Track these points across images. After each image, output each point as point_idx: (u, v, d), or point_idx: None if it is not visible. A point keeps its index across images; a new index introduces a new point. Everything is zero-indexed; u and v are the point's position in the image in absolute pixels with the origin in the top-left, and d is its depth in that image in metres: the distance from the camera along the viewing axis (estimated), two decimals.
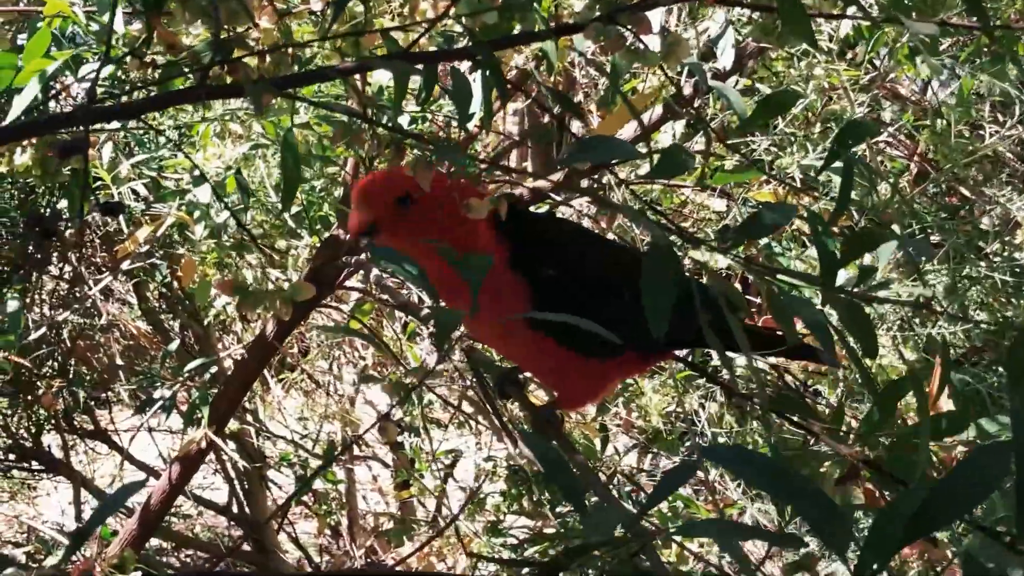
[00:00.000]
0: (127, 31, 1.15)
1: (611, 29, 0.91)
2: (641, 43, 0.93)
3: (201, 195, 1.63)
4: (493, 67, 0.87)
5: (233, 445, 2.28)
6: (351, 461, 2.90)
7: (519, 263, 1.10)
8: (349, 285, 1.73)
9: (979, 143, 1.87)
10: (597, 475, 1.14)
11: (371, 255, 1.07)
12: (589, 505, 0.73)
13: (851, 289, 0.86)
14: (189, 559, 3.07)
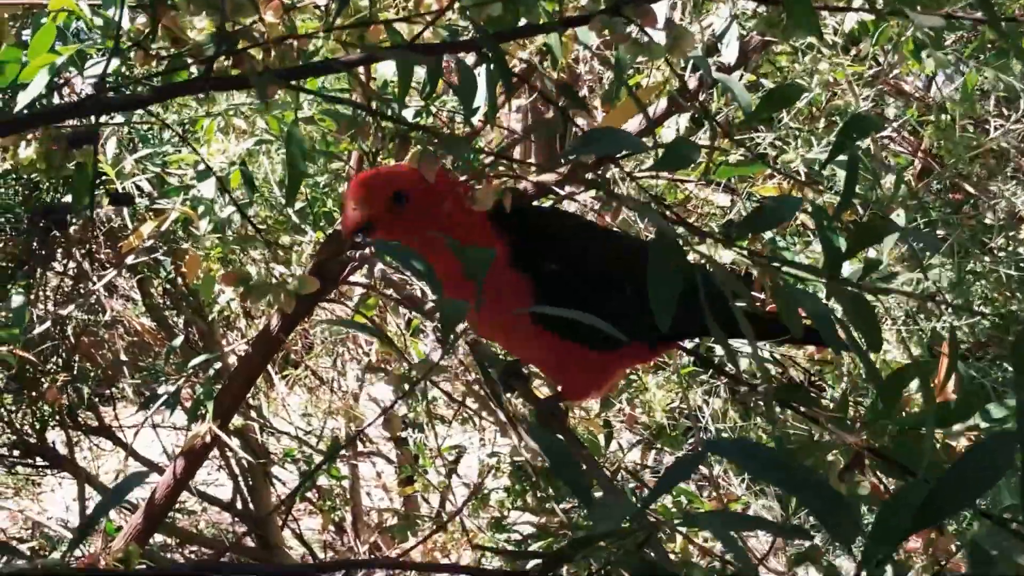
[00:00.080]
0: (132, 26, 1.15)
1: (616, 21, 0.91)
2: (646, 36, 0.93)
3: (205, 190, 1.63)
4: (498, 58, 0.87)
5: (237, 441, 2.28)
6: (355, 457, 2.90)
7: (521, 259, 1.09)
8: (353, 280, 1.73)
9: (984, 138, 1.87)
10: (602, 468, 1.14)
11: (375, 249, 1.07)
12: (594, 498, 0.73)
13: (856, 281, 0.85)
14: (193, 555, 3.07)
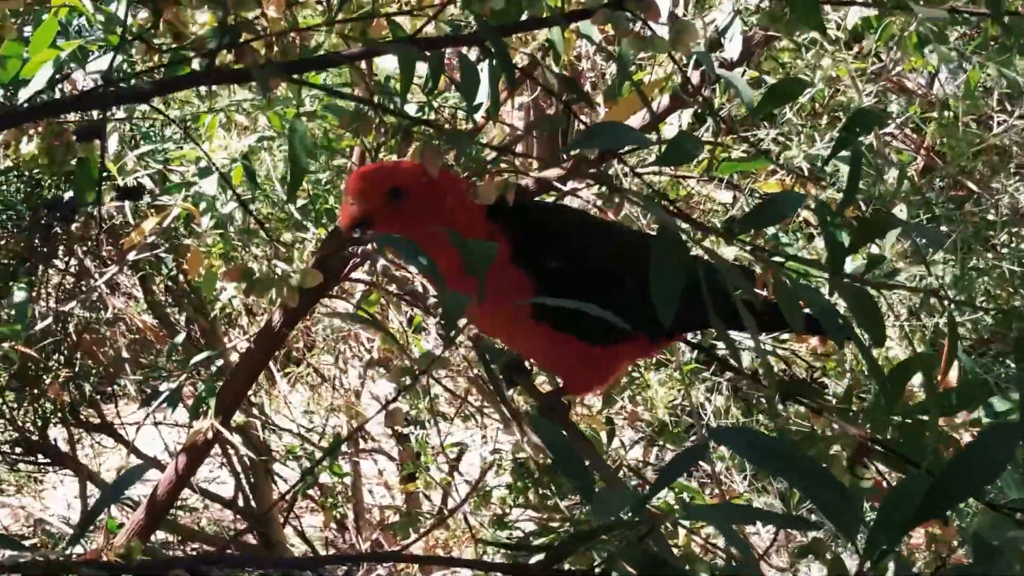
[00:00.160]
0: (134, 21, 1.15)
1: (620, 16, 0.91)
2: (649, 30, 0.93)
3: (207, 186, 1.63)
4: (501, 52, 0.87)
5: (239, 438, 2.28)
6: (357, 454, 2.90)
7: (521, 255, 1.09)
8: (355, 277, 1.73)
9: (987, 134, 1.87)
10: (604, 461, 1.14)
11: (376, 243, 1.06)
12: (596, 492, 0.73)
13: (860, 277, 0.85)
14: (195, 552, 3.07)
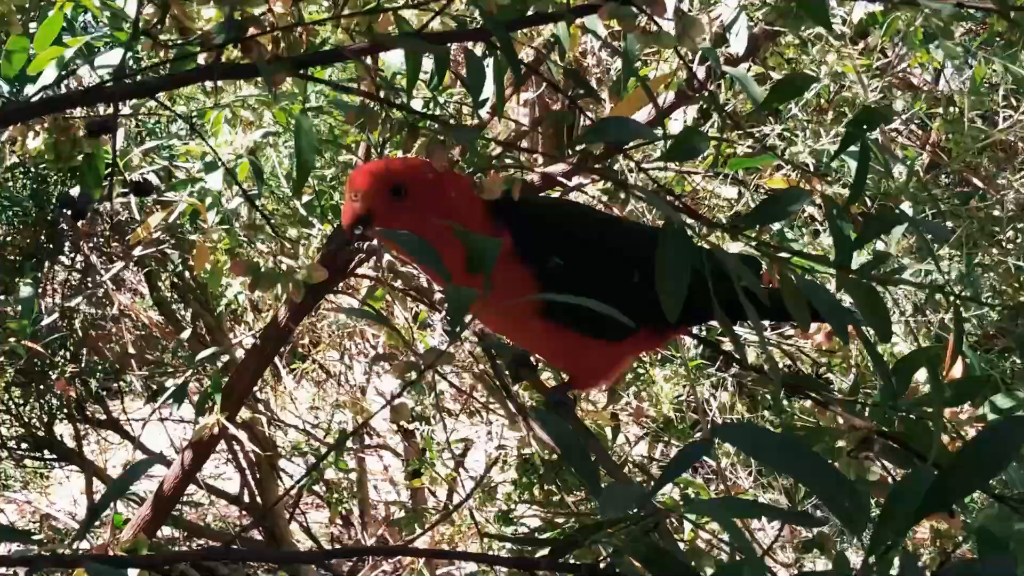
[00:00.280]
0: (143, 17, 1.15)
1: (626, 10, 0.90)
2: (656, 25, 0.93)
3: (213, 182, 1.64)
4: (507, 46, 0.87)
5: (245, 434, 2.29)
6: (362, 450, 2.91)
7: (524, 251, 1.09)
8: (361, 272, 1.74)
9: (992, 130, 1.87)
10: (610, 456, 1.14)
11: (381, 238, 1.06)
12: (602, 486, 0.73)
13: (868, 272, 0.85)
14: (201, 547, 3.08)
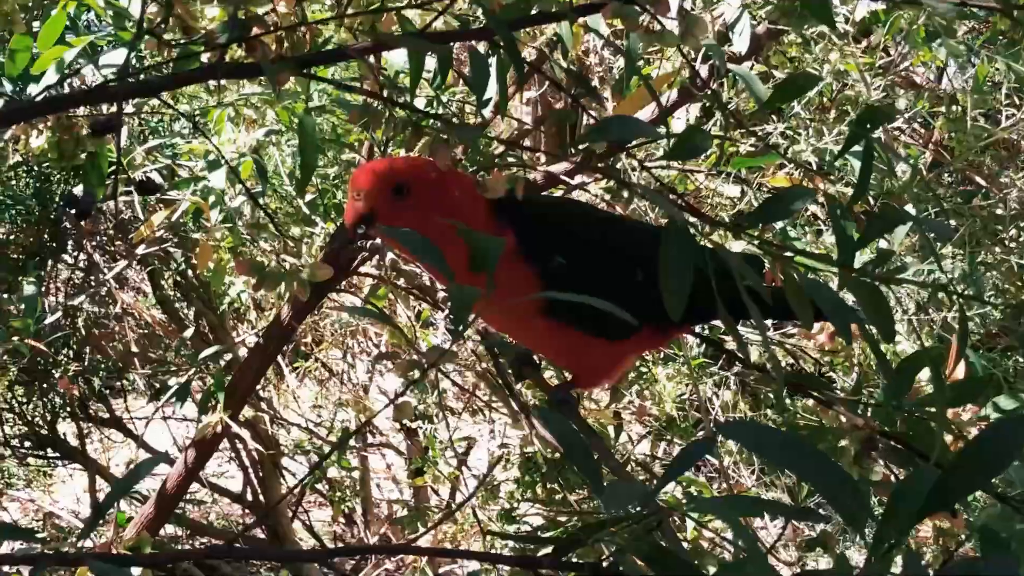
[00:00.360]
0: (147, 16, 1.15)
1: (630, 9, 0.90)
2: (659, 24, 0.93)
3: (216, 180, 1.64)
4: (511, 45, 0.87)
5: (248, 432, 2.29)
6: (365, 449, 2.91)
7: (526, 250, 1.09)
8: (364, 271, 1.74)
9: (995, 127, 1.86)
10: (613, 455, 1.14)
11: (383, 236, 1.06)
12: (605, 484, 0.73)
13: (871, 271, 0.85)
14: (204, 546, 3.08)
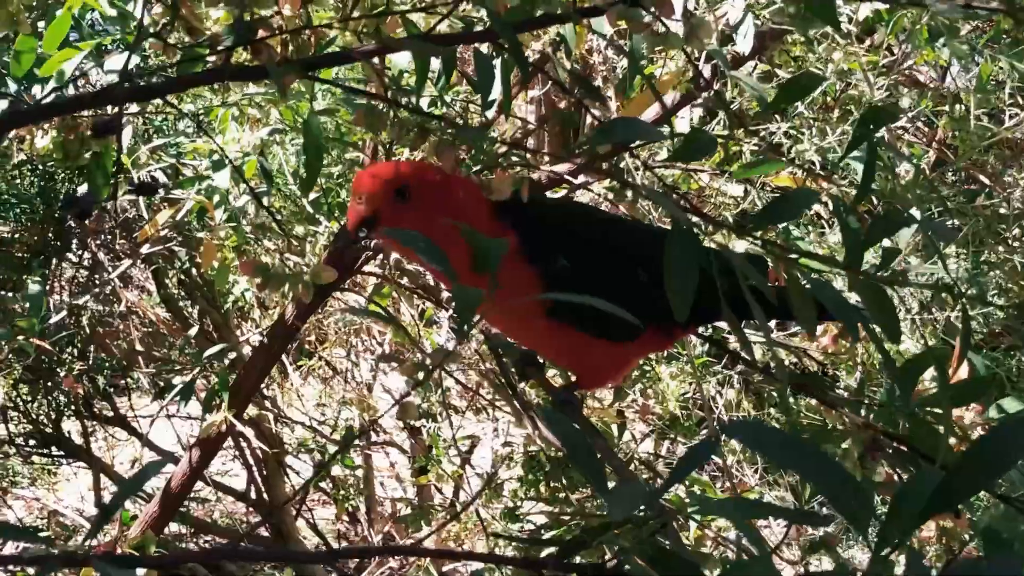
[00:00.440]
0: (150, 17, 1.16)
1: (634, 11, 0.91)
2: (663, 25, 0.93)
3: (220, 180, 1.64)
4: (515, 46, 0.87)
5: (252, 431, 2.29)
6: (369, 447, 2.91)
7: (529, 251, 1.09)
8: (368, 270, 1.74)
9: (999, 127, 1.86)
10: (616, 455, 1.14)
11: (389, 238, 1.06)
12: (609, 485, 0.73)
13: (876, 273, 0.85)
14: (208, 545, 3.09)
